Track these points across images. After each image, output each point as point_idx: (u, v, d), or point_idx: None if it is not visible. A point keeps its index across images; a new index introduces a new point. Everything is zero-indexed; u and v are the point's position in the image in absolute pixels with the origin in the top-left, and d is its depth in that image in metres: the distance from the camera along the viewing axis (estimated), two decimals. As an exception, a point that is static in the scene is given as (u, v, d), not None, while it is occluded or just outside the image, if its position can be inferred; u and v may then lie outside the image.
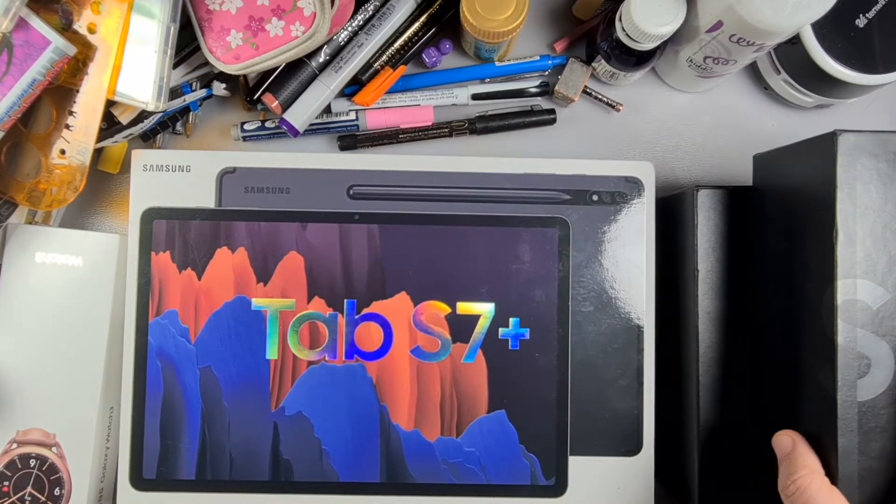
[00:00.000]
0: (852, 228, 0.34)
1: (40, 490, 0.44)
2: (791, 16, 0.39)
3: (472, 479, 0.45)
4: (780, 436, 0.37)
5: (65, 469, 0.44)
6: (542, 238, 0.46)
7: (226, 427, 0.45)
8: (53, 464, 0.44)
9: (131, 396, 0.45)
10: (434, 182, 0.46)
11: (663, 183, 0.52)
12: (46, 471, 0.44)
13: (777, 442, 0.37)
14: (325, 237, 0.46)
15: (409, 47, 0.49)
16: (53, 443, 0.44)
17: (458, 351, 0.46)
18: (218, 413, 0.45)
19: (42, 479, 0.44)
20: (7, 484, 0.44)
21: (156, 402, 0.45)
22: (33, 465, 0.44)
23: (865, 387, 0.34)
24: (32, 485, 0.44)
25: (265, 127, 0.50)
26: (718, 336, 0.43)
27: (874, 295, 0.34)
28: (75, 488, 0.44)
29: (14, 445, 0.44)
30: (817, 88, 0.48)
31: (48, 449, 0.44)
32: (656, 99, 0.53)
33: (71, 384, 0.44)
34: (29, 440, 0.44)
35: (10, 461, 0.44)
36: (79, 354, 0.45)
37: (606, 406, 0.46)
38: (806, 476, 0.34)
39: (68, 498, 0.44)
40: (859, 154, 0.34)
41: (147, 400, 0.45)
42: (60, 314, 0.45)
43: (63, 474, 0.44)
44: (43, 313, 0.45)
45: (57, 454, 0.44)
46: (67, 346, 0.45)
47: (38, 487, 0.44)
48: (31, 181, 0.45)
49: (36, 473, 0.44)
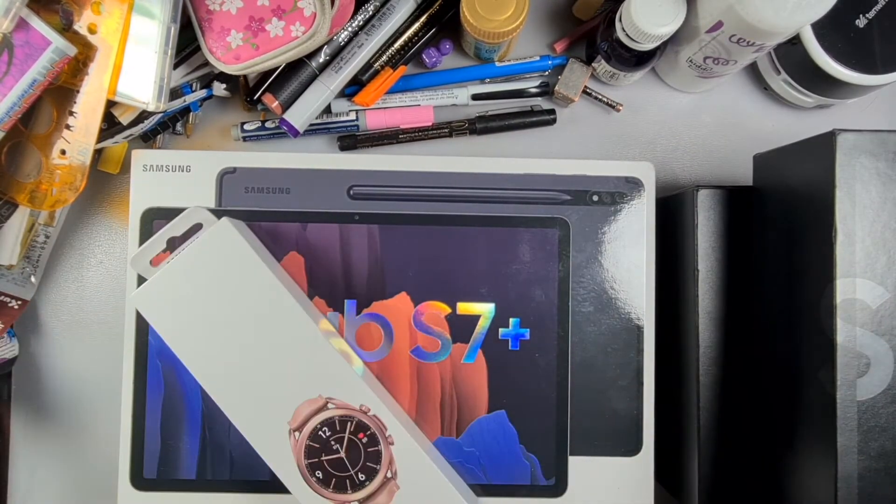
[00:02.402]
0: (851, 228, 0.34)
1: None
2: (791, 16, 0.39)
3: (471, 478, 0.45)
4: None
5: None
6: (542, 238, 0.46)
7: (226, 427, 0.45)
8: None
9: (132, 396, 0.45)
10: (434, 182, 0.46)
11: (663, 183, 0.52)
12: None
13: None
14: (325, 237, 0.46)
15: (409, 47, 0.49)
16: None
17: (458, 351, 0.46)
18: (218, 413, 0.45)
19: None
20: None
21: (156, 402, 0.45)
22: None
23: (865, 386, 0.34)
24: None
25: (265, 127, 0.50)
26: (718, 336, 0.43)
27: (873, 294, 0.34)
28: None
29: (297, 434, 0.42)
30: (817, 89, 0.48)
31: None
32: (656, 99, 0.53)
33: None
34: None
35: (307, 448, 0.42)
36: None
37: (606, 406, 0.46)
38: None
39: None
40: (858, 154, 0.35)
41: (148, 400, 0.45)
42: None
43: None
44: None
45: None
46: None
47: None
48: (31, 181, 0.45)
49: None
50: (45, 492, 0.52)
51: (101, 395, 0.52)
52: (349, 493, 0.42)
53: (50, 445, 0.52)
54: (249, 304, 0.41)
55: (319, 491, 0.41)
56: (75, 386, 0.52)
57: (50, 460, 0.52)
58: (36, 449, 0.52)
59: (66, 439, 0.52)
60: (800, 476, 0.37)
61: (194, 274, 0.41)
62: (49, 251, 0.51)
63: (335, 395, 0.41)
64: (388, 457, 0.42)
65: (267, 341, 0.41)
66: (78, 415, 0.52)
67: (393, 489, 0.42)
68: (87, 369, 0.52)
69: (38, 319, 0.52)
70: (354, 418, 0.42)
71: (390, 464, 0.42)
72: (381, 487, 0.42)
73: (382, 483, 0.42)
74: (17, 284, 0.50)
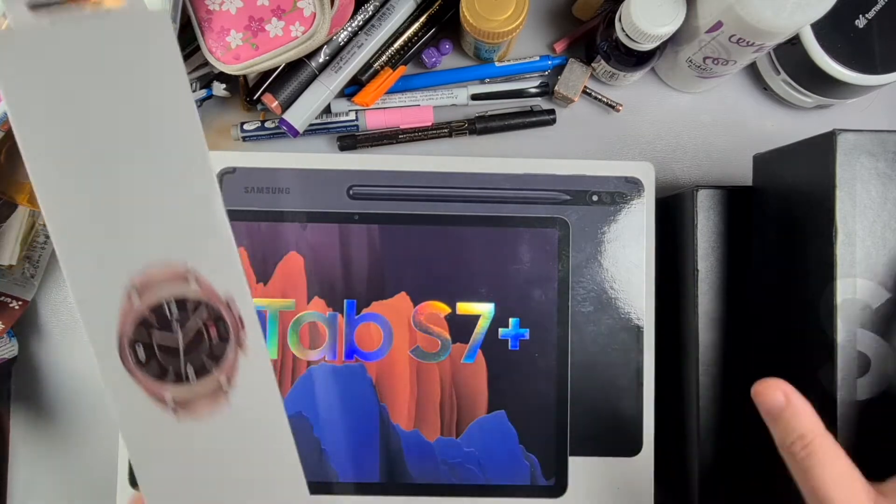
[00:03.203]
0: (852, 228, 0.34)
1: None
2: (791, 16, 0.39)
3: (471, 479, 0.45)
4: (767, 390, 0.32)
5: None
6: (542, 238, 0.46)
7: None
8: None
9: (131, 396, 0.44)
10: (434, 182, 0.46)
11: (663, 183, 0.52)
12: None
13: (764, 400, 0.32)
14: (324, 237, 0.46)
15: (409, 47, 0.49)
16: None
17: (457, 351, 0.46)
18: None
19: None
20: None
21: (155, 402, 0.44)
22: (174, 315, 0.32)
23: (864, 386, 0.34)
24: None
25: (265, 127, 0.50)
26: (718, 336, 0.43)
27: (874, 294, 0.34)
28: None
29: (136, 296, 0.32)
30: (817, 89, 0.48)
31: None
32: (656, 99, 0.53)
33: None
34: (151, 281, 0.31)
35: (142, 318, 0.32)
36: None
37: (606, 406, 0.46)
38: (818, 437, 0.31)
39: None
40: (858, 154, 0.35)
41: (146, 400, 0.44)
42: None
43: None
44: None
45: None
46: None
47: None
48: (30, 181, 0.45)
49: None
50: (44, 492, 0.52)
51: (100, 395, 0.52)
52: (165, 383, 0.32)
53: (50, 445, 0.52)
54: (143, 117, 0.31)
55: (130, 368, 0.32)
56: (75, 386, 0.52)
57: (50, 460, 0.52)
58: (35, 449, 0.52)
59: (65, 439, 0.52)
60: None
61: (88, 46, 0.31)
62: (50, 251, 0.51)
63: (202, 270, 0.32)
64: (231, 362, 0.33)
65: (144, 172, 0.31)
66: (78, 415, 0.52)
67: (220, 399, 0.32)
68: (87, 369, 0.52)
69: (38, 319, 0.52)
70: (213, 306, 0.32)
71: (231, 371, 0.33)
72: (209, 394, 0.32)
73: (213, 390, 0.32)
74: (18, 285, 0.50)
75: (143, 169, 0.32)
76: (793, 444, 0.32)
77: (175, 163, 0.32)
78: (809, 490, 0.32)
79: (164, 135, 0.32)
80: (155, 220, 0.32)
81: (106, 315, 0.32)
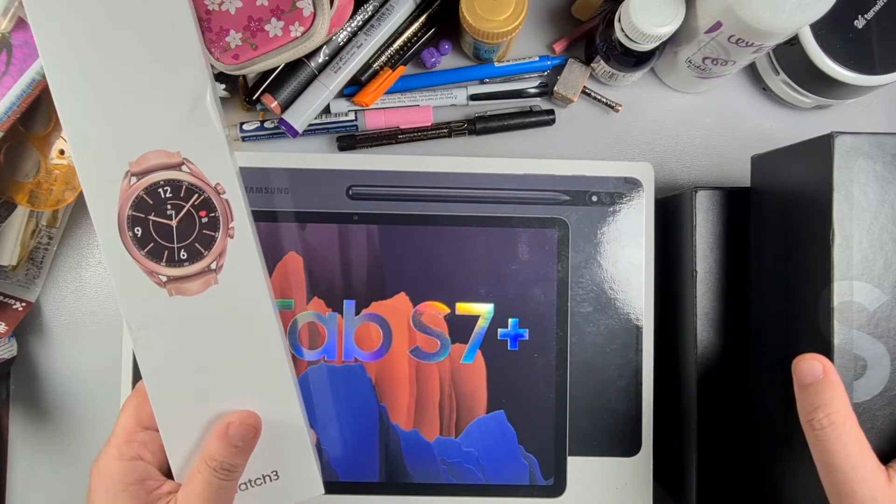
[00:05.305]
0: (849, 230, 0.34)
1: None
2: (790, 17, 0.39)
3: (470, 479, 0.45)
4: (807, 360, 0.33)
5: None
6: (542, 239, 0.46)
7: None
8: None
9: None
10: (433, 182, 0.46)
11: (662, 184, 0.52)
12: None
13: (802, 367, 0.33)
14: (324, 237, 0.46)
15: (409, 48, 0.49)
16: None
17: (457, 351, 0.46)
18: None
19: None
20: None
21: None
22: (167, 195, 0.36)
23: (861, 388, 0.34)
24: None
25: (264, 127, 0.50)
26: (716, 337, 0.43)
27: (871, 297, 0.34)
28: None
29: (134, 180, 0.36)
30: (816, 89, 0.48)
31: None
32: (655, 99, 0.53)
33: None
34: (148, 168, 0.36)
35: (138, 199, 0.36)
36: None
37: (605, 406, 0.46)
38: (843, 413, 0.32)
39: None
40: (856, 156, 0.35)
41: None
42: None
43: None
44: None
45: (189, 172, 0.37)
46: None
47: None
48: (30, 181, 0.45)
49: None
50: (44, 492, 0.52)
51: (100, 395, 0.52)
52: (161, 265, 0.36)
53: (49, 445, 0.52)
54: (147, 24, 0.36)
55: (130, 248, 0.36)
56: (74, 386, 0.52)
57: (49, 460, 0.52)
58: (35, 449, 0.52)
59: (65, 439, 0.52)
60: (798, 476, 0.37)
61: None
62: (53, 252, 0.51)
63: (194, 160, 0.36)
64: (221, 247, 0.37)
65: (145, 72, 0.36)
66: (77, 415, 0.52)
67: (210, 281, 0.37)
68: (87, 369, 0.52)
69: (38, 319, 0.52)
70: (204, 193, 0.37)
71: (220, 255, 0.37)
72: (198, 274, 0.37)
73: (202, 271, 0.37)
74: (22, 286, 0.50)
75: (143, 69, 0.36)
76: (816, 410, 0.32)
77: (173, 64, 0.36)
78: (824, 464, 0.32)
79: (164, 39, 0.36)
80: (153, 115, 0.36)
81: (107, 198, 0.36)
